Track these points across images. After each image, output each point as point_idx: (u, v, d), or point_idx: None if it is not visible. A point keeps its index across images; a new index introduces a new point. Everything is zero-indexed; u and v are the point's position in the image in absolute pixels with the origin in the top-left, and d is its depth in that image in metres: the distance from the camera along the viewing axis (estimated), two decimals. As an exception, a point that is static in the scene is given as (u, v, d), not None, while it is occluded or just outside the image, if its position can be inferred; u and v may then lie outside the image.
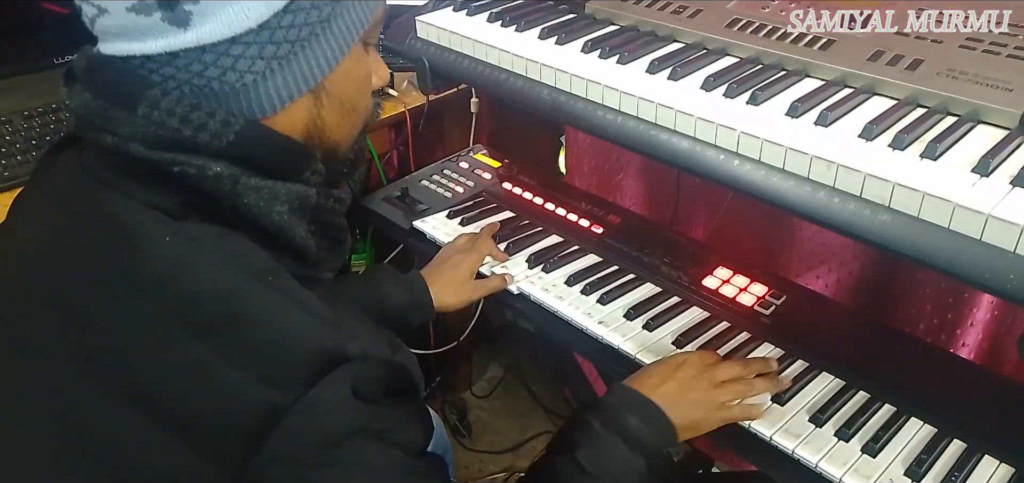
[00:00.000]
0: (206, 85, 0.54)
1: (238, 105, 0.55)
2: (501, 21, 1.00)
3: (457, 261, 1.03)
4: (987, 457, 0.78)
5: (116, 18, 0.53)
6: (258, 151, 0.56)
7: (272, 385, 0.51)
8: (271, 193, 0.56)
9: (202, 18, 0.52)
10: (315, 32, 0.56)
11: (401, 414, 0.57)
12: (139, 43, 0.53)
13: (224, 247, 0.54)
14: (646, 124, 0.82)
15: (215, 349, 0.51)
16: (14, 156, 1.10)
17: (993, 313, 1.08)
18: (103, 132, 0.55)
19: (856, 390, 0.86)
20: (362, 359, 0.54)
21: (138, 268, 0.53)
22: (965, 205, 0.62)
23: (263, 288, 0.53)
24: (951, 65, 0.77)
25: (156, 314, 0.52)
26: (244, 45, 0.54)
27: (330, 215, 0.62)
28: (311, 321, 0.54)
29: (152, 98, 0.53)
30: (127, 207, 0.55)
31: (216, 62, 0.54)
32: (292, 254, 0.58)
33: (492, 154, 1.36)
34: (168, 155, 0.53)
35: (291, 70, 0.56)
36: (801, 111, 0.75)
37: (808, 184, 0.71)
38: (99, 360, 0.54)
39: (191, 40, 0.53)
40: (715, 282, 1.02)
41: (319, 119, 0.61)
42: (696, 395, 0.79)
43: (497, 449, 1.74)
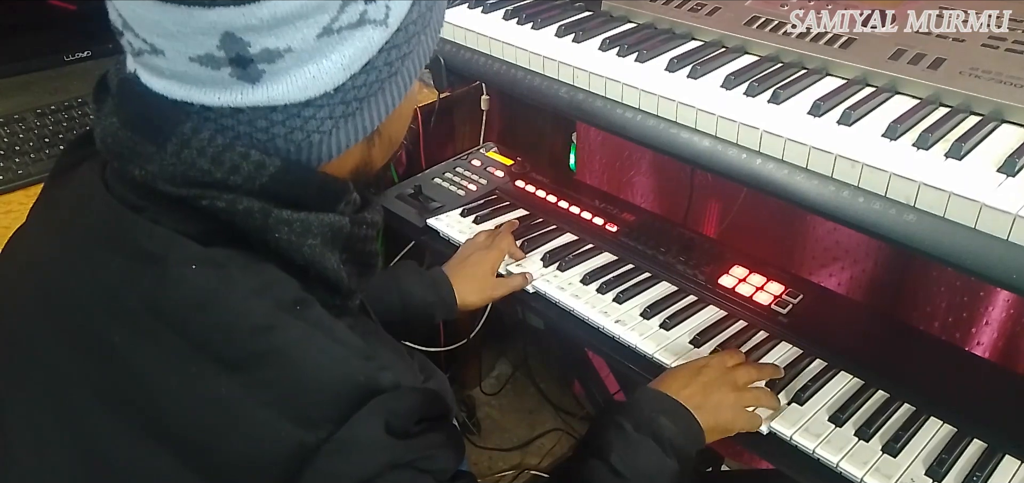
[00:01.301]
0: (270, 141, 0.51)
1: (294, 157, 0.53)
2: (517, 18, 1.00)
3: (479, 259, 1.03)
4: (1008, 457, 0.78)
5: (173, 63, 0.49)
6: (293, 189, 0.53)
7: (302, 424, 0.49)
8: (303, 226, 0.53)
9: (275, 78, 0.49)
10: (383, 87, 0.54)
11: (433, 441, 0.55)
12: (197, 92, 0.50)
13: (253, 276, 0.52)
14: (666, 123, 0.82)
15: (244, 387, 0.49)
16: (28, 153, 1.10)
17: (1008, 311, 1.08)
18: (129, 164, 0.52)
19: (875, 389, 0.86)
20: (394, 391, 0.52)
21: (163, 297, 0.51)
22: (992, 205, 0.62)
23: (293, 320, 0.51)
24: (974, 64, 0.76)
25: (183, 348, 0.50)
26: (317, 107, 0.51)
27: (363, 242, 0.59)
28: (342, 354, 0.52)
29: (183, 136, 0.50)
30: (153, 232, 0.52)
31: (285, 122, 0.51)
32: (322, 284, 0.55)
33: (503, 152, 1.36)
34: (197, 190, 0.51)
35: (354, 124, 0.54)
36: (824, 110, 0.75)
37: (832, 183, 0.71)
38: (125, 393, 0.52)
39: (260, 98, 0.50)
40: (731, 281, 1.02)
41: (369, 158, 0.59)
42: (720, 398, 0.79)
43: (506, 446, 1.74)
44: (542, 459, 1.71)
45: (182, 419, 0.50)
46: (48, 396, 0.55)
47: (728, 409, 0.79)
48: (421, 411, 0.54)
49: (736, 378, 0.82)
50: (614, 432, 0.73)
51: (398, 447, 0.51)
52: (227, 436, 0.49)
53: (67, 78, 1.27)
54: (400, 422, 0.51)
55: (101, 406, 0.52)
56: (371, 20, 0.51)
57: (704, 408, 0.77)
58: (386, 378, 0.52)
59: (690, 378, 0.81)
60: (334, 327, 0.53)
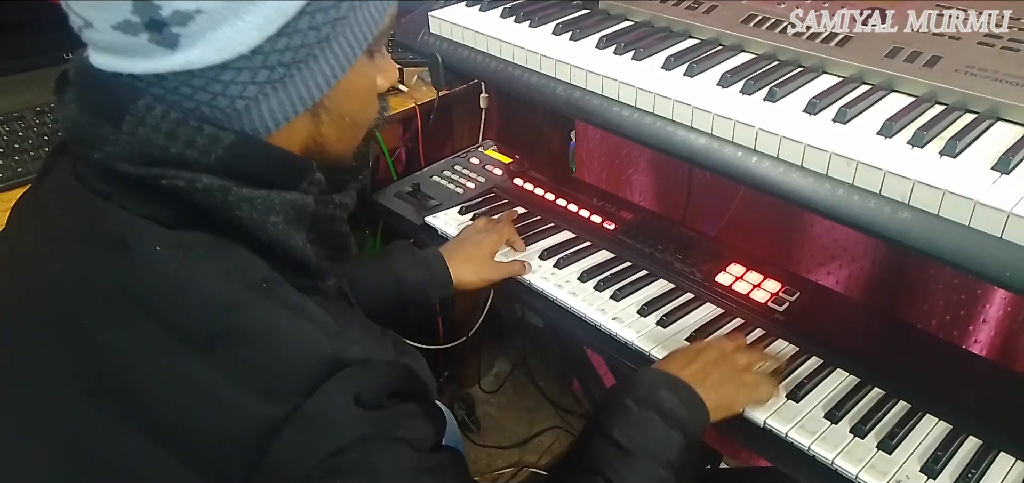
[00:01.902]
0: (196, 108, 0.52)
1: (230, 125, 0.53)
2: (515, 17, 1.00)
3: (478, 240, 1.03)
4: (1003, 454, 0.78)
5: (102, 34, 0.51)
6: (250, 165, 0.54)
7: (270, 399, 0.49)
8: (265, 203, 0.54)
9: (191, 41, 0.50)
10: (313, 53, 0.54)
11: (408, 411, 0.56)
12: (126, 61, 0.51)
13: (220, 257, 0.53)
14: (662, 121, 0.82)
15: (213, 366, 0.50)
16: (27, 151, 1.10)
17: (1006, 310, 1.08)
18: (91, 148, 0.53)
19: (871, 387, 0.86)
20: (363, 364, 0.52)
21: (134, 281, 0.52)
22: (986, 203, 0.62)
23: (261, 299, 0.52)
24: (969, 62, 0.76)
25: (154, 330, 0.51)
26: (235, 70, 0.52)
27: (331, 222, 0.60)
28: (310, 329, 0.52)
29: (137, 113, 0.51)
30: (121, 219, 0.53)
31: (206, 87, 0.52)
32: (290, 264, 0.56)
33: (502, 150, 1.36)
34: (155, 169, 0.52)
35: (286, 93, 0.54)
36: (819, 108, 0.75)
37: (827, 181, 0.71)
38: (99, 378, 0.53)
39: (179, 63, 0.51)
40: (728, 278, 1.03)
41: (319, 135, 0.58)
42: (721, 375, 0.80)
43: (505, 444, 1.74)
44: (541, 457, 1.71)
45: (154, 400, 0.51)
46: (29, 388, 0.56)
47: (730, 385, 0.79)
48: (392, 385, 0.54)
49: (736, 360, 0.83)
50: (617, 410, 0.73)
51: (369, 419, 0.51)
52: (197, 414, 0.50)
53: (66, 76, 1.27)
54: (370, 394, 0.52)
55: (78, 393, 0.53)
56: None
57: (706, 384, 0.77)
58: (354, 352, 0.52)
59: (691, 358, 0.81)
60: (302, 305, 0.54)
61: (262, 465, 0.49)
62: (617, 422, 0.72)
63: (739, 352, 0.84)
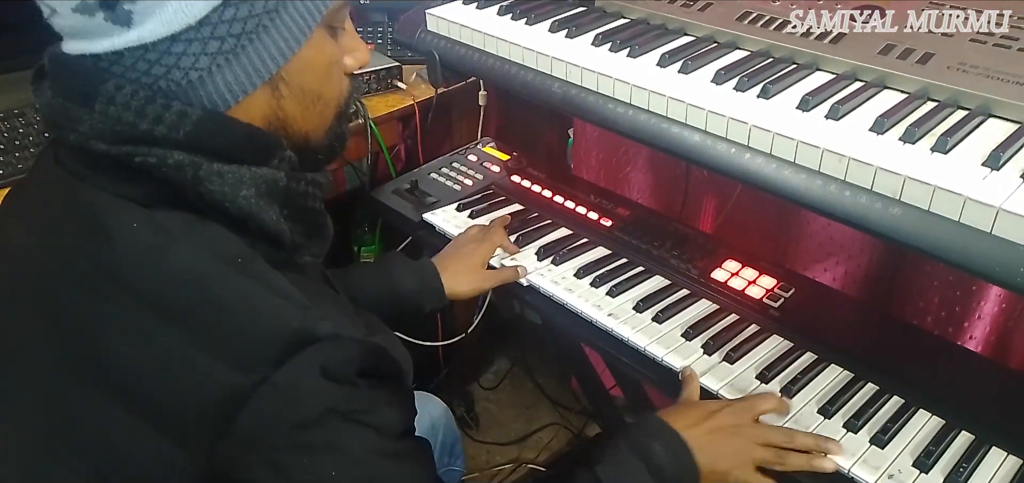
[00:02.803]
0: (153, 83, 0.54)
1: (192, 99, 0.55)
2: (511, 14, 1.01)
3: (470, 250, 1.04)
4: (995, 449, 0.79)
5: (65, 18, 0.54)
6: (218, 140, 0.55)
7: (239, 368, 0.51)
8: (235, 178, 0.55)
9: (143, 17, 0.52)
10: (263, 24, 0.55)
11: (377, 396, 0.57)
12: (88, 42, 0.54)
13: (194, 233, 0.55)
14: (657, 117, 0.83)
15: (185, 335, 0.52)
16: (27, 148, 1.11)
17: (1000, 306, 1.08)
18: (67, 130, 0.56)
19: (865, 382, 0.87)
20: (333, 339, 0.54)
21: (110, 258, 0.54)
22: (976, 198, 0.63)
23: (232, 272, 0.54)
24: (962, 59, 0.77)
25: (128, 303, 0.53)
26: (186, 42, 0.54)
27: (304, 199, 0.61)
28: (280, 303, 0.54)
29: (107, 94, 0.53)
30: (98, 199, 0.55)
31: (160, 60, 0.54)
32: (265, 239, 0.57)
33: (500, 147, 1.37)
34: (127, 148, 0.54)
35: (240, 64, 0.56)
36: (812, 104, 0.76)
37: (819, 177, 0.71)
38: (78, 352, 0.55)
39: (134, 39, 0.53)
40: (724, 275, 1.03)
41: (280, 110, 0.60)
42: (726, 448, 0.77)
43: (504, 440, 1.75)
44: (539, 453, 1.72)
45: (129, 371, 0.53)
46: (14, 365, 0.58)
47: (728, 460, 0.76)
48: (362, 362, 0.55)
49: (755, 435, 0.78)
50: (609, 447, 0.74)
51: (337, 393, 0.53)
52: (168, 381, 0.52)
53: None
54: (338, 369, 0.53)
55: (60, 368, 0.55)
56: None
57: (705, 450, 0.75)
58: (323, 327, 0.54)
59: (701, 418, 0.78)
60: (274, 279, 0.55)
61: (229, 433, 0.51)
62: (603, 458, 0.73)
63: (758, 427, 0.79)
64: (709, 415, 0.79)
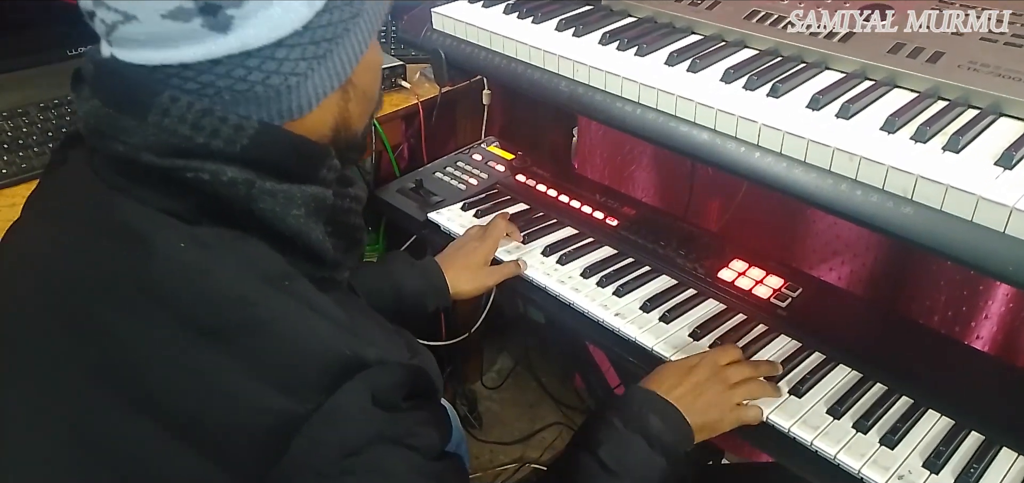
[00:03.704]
0: (249, 89, 0.52)
1: (276, 107, 0.54)
2: (518, 13, 1.00)
3: (472, 248, 1.04)
4: (1006, 449, 0.78)
5: (147, 26, 0.50)
6: (273, 154, 0.54)
7: (290, 394, 0.50)
8: (287, 197, 0.54)
9: (244, 22, 0.50)
10: (347, 27, 0.56)
11: (420, 418, 0.56)
12: (173, 51, 0.51)
13: (238, 252, 0.53)
14: (665, 116, 0.82)
15: (230, 357, 0.50)
16: (31, 147, 1.11)
17: (1008, 305, 1.08)
18: (113, 140, 0.53)
19: (873, 382, 0.86)
20: (380, 365, 0.53)
21: (152, 275, 0.52)
22: (988, 198, 0.62)
23: (278, 293, 0.52)
24: (972, 58, 0.76)
25: (170, 322, 0.51)
26: (289, 47, 0.52)
27: (347, 215, 0.61)
28: (327, 327, 0.53)
29: (162, 105, 0.51)
30: (140, 213, 0.53)
31: (261, 66, 0.52)
32: (308, 257, 0.57)
33: (504, 146, 1.36)
34: (180, 161, 0.52)
35: (327, 68, 0.55)
36: (822, 103, 0.75)
37: (830, 176, 0.71)
38: (115, 369, 0.53)
39: (234, 45, 0.51)
40: (731, 274, 1.03)
41: (347, 112, 0.60)
42: (710, 397, 0.80)
43: (507, 440, 1.74)
44: (543, 453, 1.72)
45: (171, 392, 0.51)
46: (42, 379, 0.56)
47: (716, 408, 0.80)
48: (407, 386, 0.55)
49: (728, 376, 0.82)
50: (605, 429, 0.74)
51: (385, 420, 0.52)
52: (215, 407, 0.50)
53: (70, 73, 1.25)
54: (386, 396, 0.53)
55: (92, 384, 0.53)
56: None
57: (693, 408, 0.78)
58: (372, 352, 0.53)
59: (681, 377, 0.81)
60: (320, 301, 0.54)
61: (281, 461, 0.49)
62: (604, 441, 0.73)
63: (731, 367, 0.84)
64: (688, 372, 0.82)
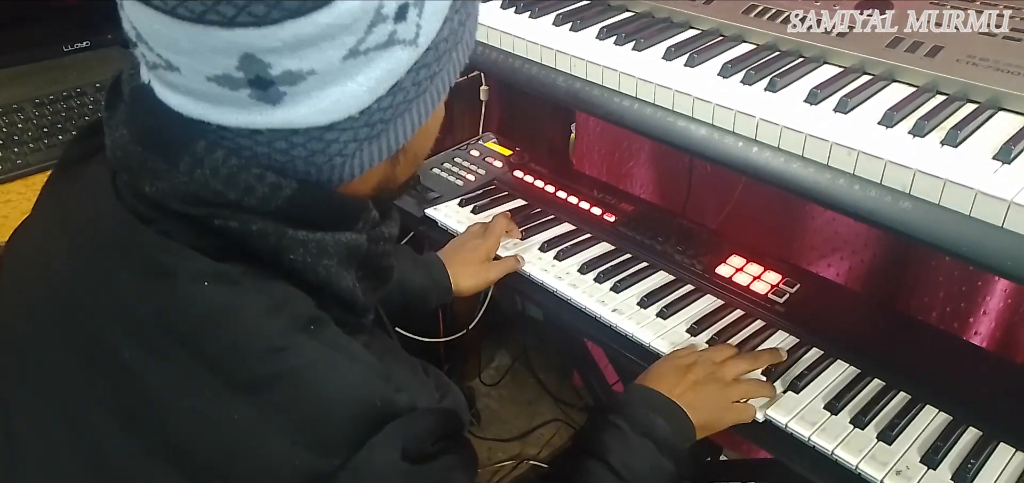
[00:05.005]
0: (289, 163, 0.49)
1: (314, 178, 0.50)
2: (515, 7, 1.00)
3: (474, 245, 1.04)
4: (1003, 444, 0.78)
5: (189, 81, 0.46)
6: (309, 212, 0.51)
7: (317, 451, 0.47)
8: (319, 247, 0.51)
9: (296, 100, 0.46)
10: (410, 107, 0.51)
11: (449, 462, 0.54)
12: (214, 111, 0.47)
13: (266, 294, 0.50)
14: (663, 111, 0.82)
15: (258, 411, 0.48)
16: (27, 144, 1.10)
17: (1006, 301, 1.08)
18: (141, 180, 0.50)
19: (871, 378, 0.86)
20: (411, 414, 0.51)
21: (175, 313, 0.49)
22: (986, 192, 0.62)
23: (307, 340, 0.49)
24: (971, 52, 0.76)
25: (194, 367, 0.48)
26: (340, 130, 0.48)
27: (379, 258, 0.58)
28: (357, 375, 0.50)
29: (197, 155, 0.48)
30: (165, 246, 0.50)
31: (305, 144, 0.48)
32: (337, 303, 0.54)
33: (502, 142, 1.36)
34: (207, 210, 0.49)
35: (379, 144, 0.51)
36: (820, 98, 0.75)
37: (828, 171, 0.71)
38: (134, 409, 0.50)
39: (280, 120, 0.47)
40: (729, 270, 1.02)
41: (393, 175, 0.56)
42: (708, 395, 0.80)
43: (505, 437, 1.74)
44: (541, 449, 1.72)
45: (193, 440, 0.48)
46: (57, 403, 0.54)
47: (716, 407, 0.80)
48: (438, 432, 0.53)
49: (724, 373, 0.82)
50: (611, 433, 0.73)
51: (414, 472, 0.50)
52: (239, 461, 0.48)
53: (66, 68, 1.27)
54: (416, 445, 0.50)
55: (110, 419, 0.51)
56: (400, 41, 0.48)
57: (694, 406, 0.78)
58: (402, 400, 0.50)
59: (680, 376, 0.81)
60: (349, 347, 0.51)
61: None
62: (611, 446, 0.72)
63: (727, 363, 0.83)
64: (686, 370, 0.82)
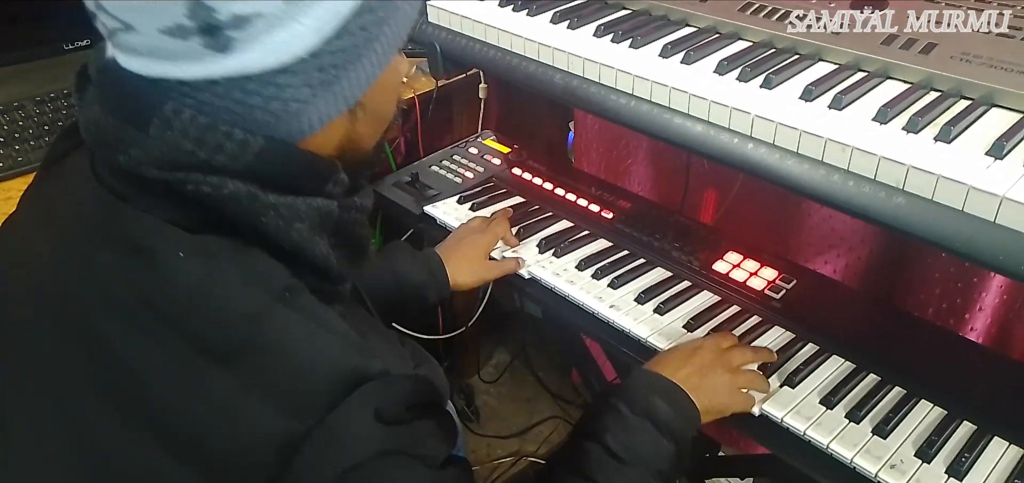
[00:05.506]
0: (248, 112, 0.50)
1: (275, 130, 0.52)
2: (513, 5, 1.00)
3: (472, 241, 1.04)
4: (997, 438, 0.79)
5: (144, 38, 0.48)
6: (278, 170, 0.52)
7: (292, 414, 0.49)
8: (291, 210, 0.53)
9: (246, 45, 0.48)
10: (360, 53, 0.53)
11: (425, 427, 0.55)
12: (171, 66, 0.49)
13: (242, 264, 0.52)
14: (659, 108, 0.82)
15: (235, 379, 0.49)
16: (27, 141, 1.11)
17: (1002, 297, 1.09)
18: (114, 150, 0.52)
19: (866, 373, 0.87)
20: (384, 377, 0.52)
21: (154, 288, 0.51)
22: (979, 187, 0.63)
23: (283, 309, 0.51)
24: (965, 49, 0.77)
25: (174, 339, 0.50)
26: (292, 74, 0.50)
27: (353, 226, 0.59)
28: (331, 341, 0.52)
29: (165, 117, 0.50)
30: (143, 223, 0.52)
31: (260, 91, 0.50)
32: (312, 270, 0.55)
33: (501, 140, 1.36)
34: (181, 174, 0.50)
35: (333, 93, 0.53)
36: (815, 94, 0.75)
37: (822, 167, 0.71)
38: (119, 387, 0.52)
39: (233, 68, 0.49)
40: (726, 266, 1.03)
41: (354, 133, 0.58)
42: (715, 380, 0.80)
43: (504, 434, 1.75)
44: (540, 446, 1.72)
45: (174, 411, 0.50)
46: (45, 389, 0.55)
47: (723, 391, 0.80)
48: (411, 398, 0.54)
49: (730, 359, 0.82)
50: (610, 415, 0.73)
51: (388, 434, 0.51)
52: (218, 428, 0.49)
53: (66, 66, 1.27)
54: (390, 409, 0.52)
55: (96, 398, 0.52)
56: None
57: (700, 390, 0.78)
58: (375, 365, 0.52)
59: (685, 360, 0.81)
60: (324, 315, 0.53)
61: (281, 480, 0.49)
62: (610, 427, 0.72)
63: (733, 350, 0.84)
64: (692, 354, 0.82)
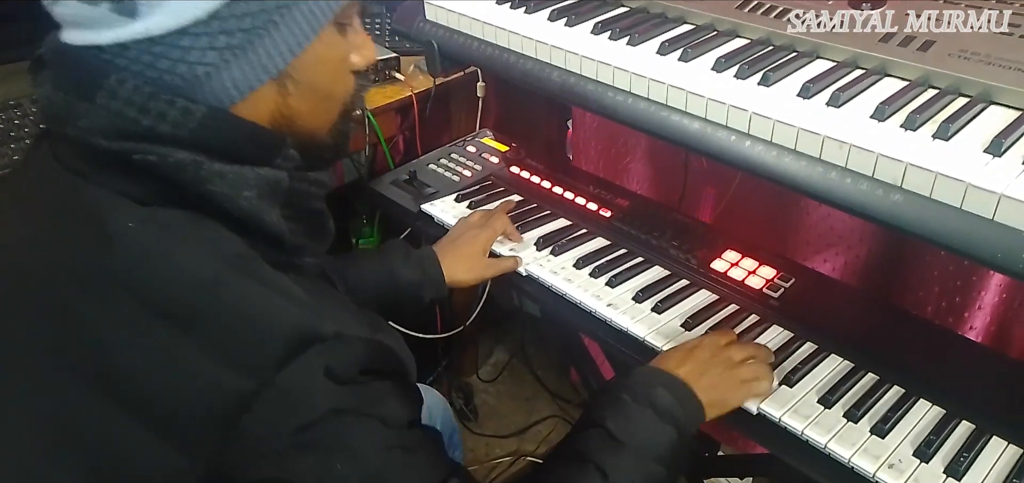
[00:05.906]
0: (158, 77, 0.53)
1: (192, 96, 0.54)
2: (510, 3, 1.00)
3: (471, 237, 1.03)
4: (995, 438, 0.78)
5: (68, 7, 0.52)
6: (222, 138, 0.54)
7: (243, 372, 0.51)
8: (238, 178, 0.54)
9: (150, 9, 0.51)
10: (272, 20, 0.55)
11: (381, 388, 0.56)
12: (91, 33, 0.52)
13: (196, 233, 0.54)
14: (657, 106, 0.82)
15: (189, 341, 0.51)
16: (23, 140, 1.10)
17: (1001, 296, 1.08)
18: (67, 124, 0.54)
19: (865, 372, 0.86)
20: (336, 339, 0.53)
21: (112, 259, 0.53)
22: (977, 185, 0.62)
23: (236, 274, 0.53)
24: (963, 46, 0.76)
25: (131, 306, 0.52)
26: (193, 36, 0.52)
27: (307, 199, 0.61)
28: (283, 303, 0.53)
29: (109, 88, 0.52)
30: (98, 196, 0.54)
31: (166, 54, 0.53)
32: (266, 240, 0.57)
33: (499, 138, 1.36)
34: (128, 144, 0.52)
35: (247, 60, 0.55)
36: (813, 92, 0.75)
37: (820, 165, 0.71)
38: (79, 355, 0.54)
39: (140, 31, 0.52)
40: (724, 265, 1.03)
41: (287, 107, 0.59)
42: (715, 374, 0.80)
43: (503, 433, 1.75)
44: (539, 446, 1.72)
45: (132, 376, 0.52)
46: (14, 368, 0.57)
47: (724, 385, 0.80)
48: (365, 361, 0.55)
49: (730, 355, 0.82)
50: (611, 403, 0.74)
51: (340, 393, 0.52)
52: (172, 388, 0.51)
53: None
54: (343, 369, 0.53)
55: (58, 369, 0.54)
56: None
57: (701, 383, 0.78)
58: (327, 326, 0.53)
59: (685, 357, 0.81)
60: (277, 280, 0.55)
61: (234, 438, 0.50)
62: (610, 413, 0.73)
63: (732, 347, 0.84)
64: (691, 351, 0.82)
